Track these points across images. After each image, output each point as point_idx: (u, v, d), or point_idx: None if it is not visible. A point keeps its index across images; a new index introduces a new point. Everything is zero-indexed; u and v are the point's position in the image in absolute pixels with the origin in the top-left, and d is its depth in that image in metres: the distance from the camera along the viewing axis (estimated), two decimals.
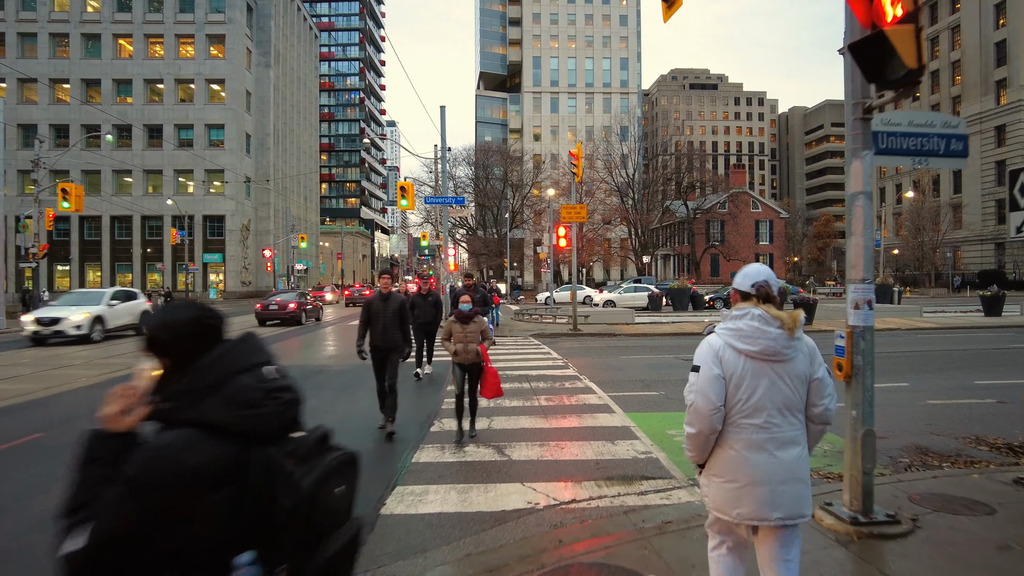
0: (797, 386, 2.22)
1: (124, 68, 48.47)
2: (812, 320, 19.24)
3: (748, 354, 2.18)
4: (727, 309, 2.33)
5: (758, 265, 2.38)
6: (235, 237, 49.44)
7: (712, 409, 2.18)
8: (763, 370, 2.18)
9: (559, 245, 18.38)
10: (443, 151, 21.16)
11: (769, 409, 2.18)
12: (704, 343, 2.30)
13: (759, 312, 2.19)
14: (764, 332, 2.16)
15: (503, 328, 19.47)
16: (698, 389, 2.22)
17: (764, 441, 2.18)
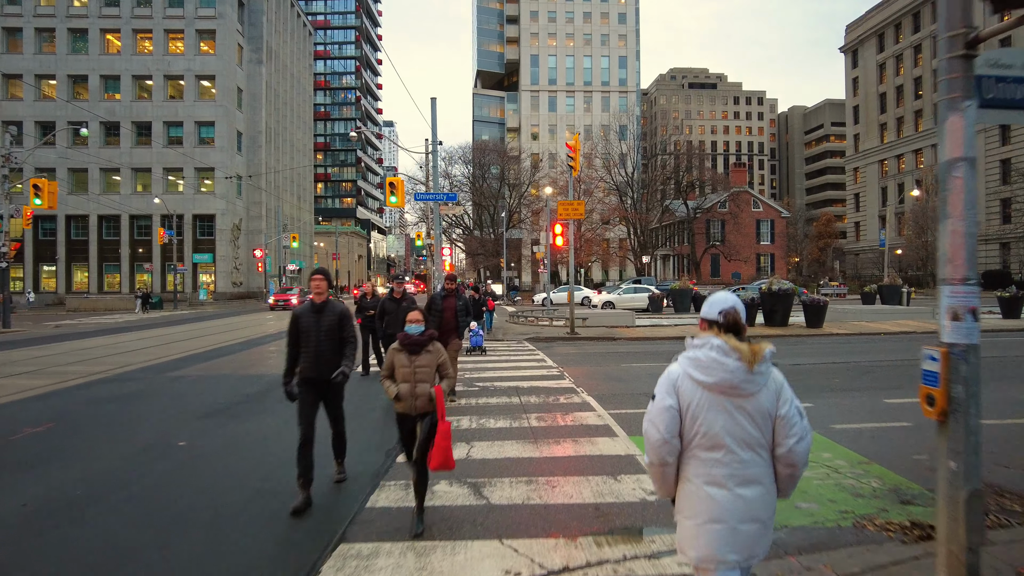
0: (760, 422, 2.09)
1: (112, 64, 47.36)
2: (822, 323, 18.25)
3: (705, 385, 2.08)
4: (689, 340, 2.19)
5: (725, 293, 2.27)
6: (225, 237, 48.34)
7: (660, 441, 2.11)
8: (721, 403, 2.07)
9: (556, 244, 17.34)
10: (434, 144, 20.11)
11: (728, 443, 2.07)
12: (665, 372, 2.21)
13: (718, 342, 2.08)
14: (721, 364, 2.04)
15: (496, 331, 18.43)
16: (649, 419, 2.15)
17: (724, 477, 2.07)
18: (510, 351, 13.61)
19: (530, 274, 67.65)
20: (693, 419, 2.10)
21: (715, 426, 2.08)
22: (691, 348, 2.16)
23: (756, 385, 2.06)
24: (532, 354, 12.97)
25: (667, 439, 2.10)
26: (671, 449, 2.12)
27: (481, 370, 10.47)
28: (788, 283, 18.27)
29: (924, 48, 62.35)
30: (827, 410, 7.07)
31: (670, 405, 2.12)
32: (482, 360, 11.77)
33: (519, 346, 14.83)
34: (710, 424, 2.08)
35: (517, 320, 22.27)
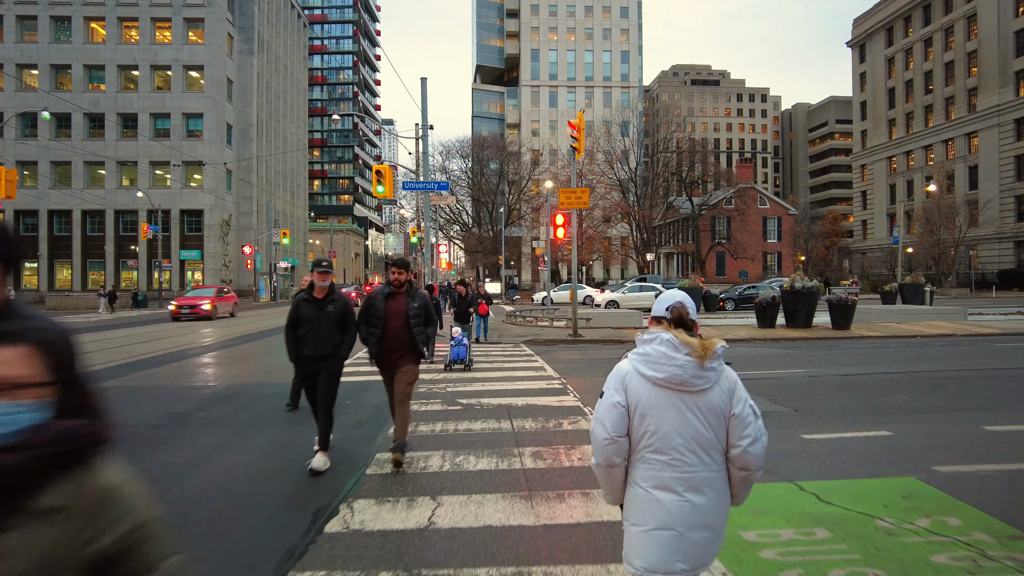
0: (712, 422, 1.99)
1: (96, 53, 45.65)
2: (850, 324, 16.57)
3: (655, 382, 1.98)
4: (639, 335, 2.10)
5: (675, 291, 2.20)
6: (214, 233, 46.65)
7: (606, 439, 2.00)
8: (671, 401, 1.98)
9: (557, 236, 15.66)
10: (424, 128, 18.44)
11: (678, 444, 1.97)
12: (615, 368, 2.11)
13: (668, 336, 2.00)
14: (671, 358, 1.96)
15: (492, 332, 16.74)
16: (596, 416, 2.06)
17: (672, 481, 1.98)
18: (504, 357, 11.92)
19: (530, 273, 66.14)
20: (642, 417, 1.99)
21: (664, 425, 1.97)
22: (641, 344, 2.06)
23: (707, 381, 1.97)
24: (529, 360, 11.29)
25: (614, 438, 1.99)
26: (618, 449, 2.01)
27: (467, 381, 8.80)
28: (813, 281, 16.57)
29: (935, 41, 60.67)
30: (914, 440, 5.39)
31: (618, 402, 2.01)
32: (473, 368, 10.06)
33: (515, 350, 13.15)
34: (659, 423, 1.98)
35: (515, 320, 20.59)
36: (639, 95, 76.72)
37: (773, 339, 15.07)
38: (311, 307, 4.87)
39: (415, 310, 4.91)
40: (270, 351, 13.44)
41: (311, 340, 4.81)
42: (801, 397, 7.43)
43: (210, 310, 24.42)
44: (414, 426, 6.10)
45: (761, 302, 16.85)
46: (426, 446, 5.36)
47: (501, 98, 78.68)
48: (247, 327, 20.77)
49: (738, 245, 51.12)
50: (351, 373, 8.22)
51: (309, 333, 4.83)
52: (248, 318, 26.31)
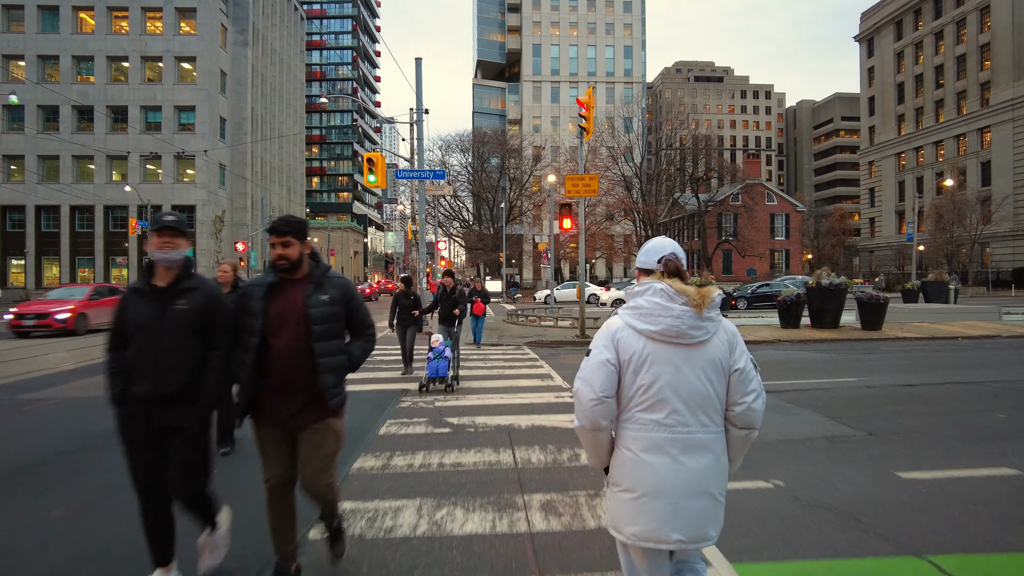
0: (711, 377, 1.83)
1: (85, 44, 44.29)
2: (882, 324, 15.19)
3: (649, 335, 1.83)
4: (630, 287, 1.99)
5: (662, 239, 2.02)
6: (207, 229, 45.32)
7: (593, 399, 1.83)
8: (667, 355, 1.82)
9: (563, 227, 14.27)
10: (419, 111, 17.07)
11: (673, 403, 1.81)
12: (603, 325, 1.96)
13: (661, 286, 1.85)
14: (666, 309, 1.81)
15: (492, 332, 15.38)
16: (582, 376, 1.89)
17: (666, 442, 1.81)
18: (505, 361, 10.55)
19: (531, 271, 64.84)
20: (634, 374, 1.83)
21: (659, 381, 1.81)
22: (631, 296, 1.91)
23: (706, 332, 1.81)
24: (534, 366, 9.92)
25: (601, 398, 1.82)
26: (606, 410, 1.84)
27: (461, 393, 7.42)
28: (841, 278, 15.20)
29: (946, 34, 59.22)
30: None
31: (607, 359, 1.84)
32: (465, 376, 8.69)
33: (517, 353, 11.79)
34: (653, 379, 1.81)
35: (516, 319, 19.22)
36: (642, 91, 75.41)
37: (801, 340, 13.70)
38: (146, 305, 2.64)
39: (321, 311, 2.63)
40: None
41: (146, 368, 2.57)
42: (869, 416, 6.06)
43: (69, 322, 15.85)
44: (386, 458, 4.73)
45: (785, 300, 15.48)
46: (399, 491, 3.98)
47: (502, 94, 77.43)
48: None
49: (746, 242, 49.72)
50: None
51: (143, 353, 2.58)
52: None
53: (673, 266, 1.91)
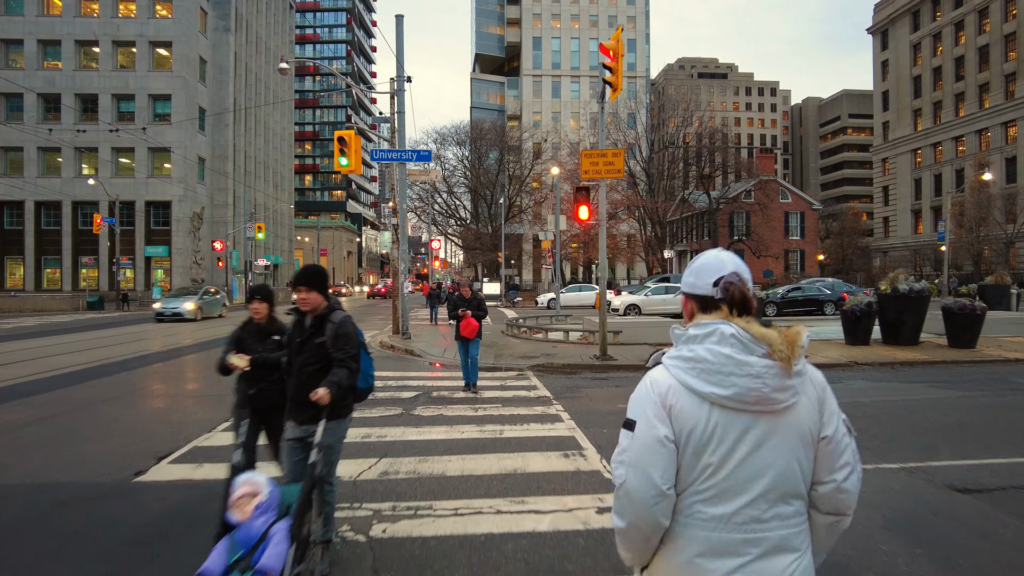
0: (799, 454, 1.34)
1: (51, 27, 41.08)
2: (976, 341, 12.15)
3: (716, 401, 1.32)
4: (677, 328, 1.43)
5: (718, 253, 1.47)
6: (184, 227, 42.13)
7: (654, 495, 1.32)
8: (741, 427, 1.32)
9: (578, 217, 11.21)
10: (400, 80, 14.01)
11: (748, 493, 1.32)
12: (644, 382, 1.41)
13: (732, 330, 1.33)
14: (741, 364, 1.31)
15: (488, 349, 12.31)
16: (630, 459, 1.36)
17: (735, 545, 1.31)
18: (504, 404, 7.39)
19: (531, 272, 61.91)
20: (695, 455, 1.33)
21: (730, 463, 1.31)
22: (684, 343, 1.38)
23: (794, 393, 1.32)
24: (546, 415, 6.75)
25: (665, 492, 1.32)
26: (669, 506, 1.34)
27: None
28: (920, 281, 12.16)
29: (967, 24, 56.33)
30: None
31: (665, 436, 1.33)
32: (438, 443, 5.59)
33: (520, 385, 8.71)
34: (722, 460, 1.31)
35: (518, 331, 16.11)
36: (646, 86, 72.78)
37: (884, 363, 10.64)
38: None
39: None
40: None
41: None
42: None
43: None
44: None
45: (853, 310, 12.41)
46: None
47: (501, 88, 74.87)
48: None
49: (760, 242, 46.69)
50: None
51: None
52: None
53: (738, 293, 1.36)
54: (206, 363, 11.29)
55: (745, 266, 1.45)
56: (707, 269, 1.42)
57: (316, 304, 2.99)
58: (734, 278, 1.38)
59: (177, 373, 10.32)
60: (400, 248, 14.29)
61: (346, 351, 2.93)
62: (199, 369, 10.74)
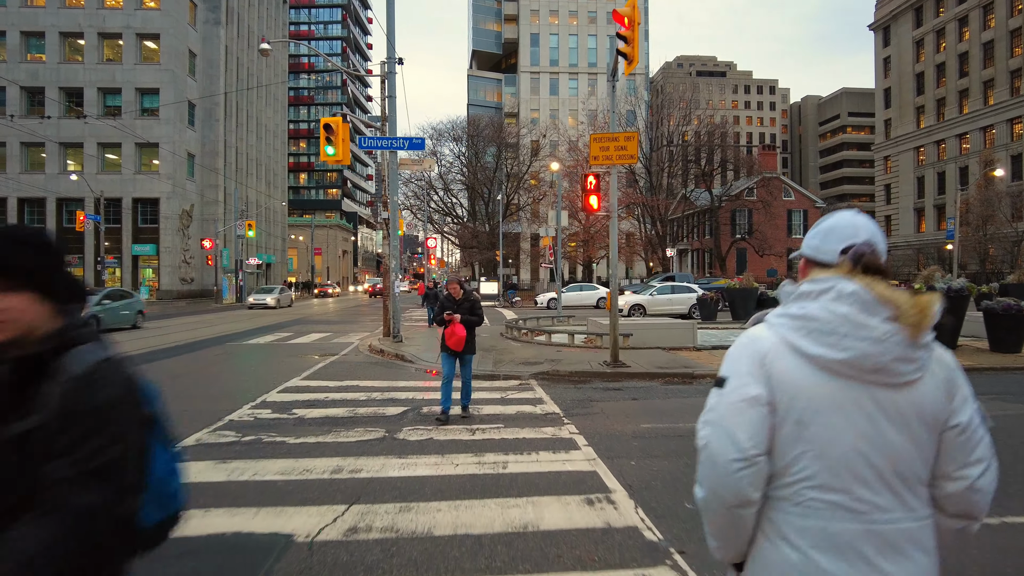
0: (920, 436, 1.16)
1: (35, 18, 39.84)
2: (1021, 345, 11.12)
3: (827, 366, 1.15)
4: (788, 285, 1.27)
5: (851, 215, 1.26)
6: (172, 225, 40.93)
7: (737, 458, 1.15)
8: (854, 399, 1.15)
9: (589, 206, 10.13)
10: (390, 60, 12.90)
11: (864, 474, 1.14)
12: (741, 338, 1.27)
13: (853, 287, 1.16)
14: (860, 326, 1.14)
15: (486, 354, 11.21)
16: (716, 419, 1.20)
17: (855, 537, 1.13)
18: (506, 426, 6.26)
19: (528, 271, 60.86)
20: (799, 425, 1.15)
21: (841, 441, 1.14)
22: (795, 299, 1.23)
23: (919, 367, 1.14)
24: (557, 438, 5.66)
25: (752, 457, 1.15)
26: (757, 476, 1.16)
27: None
28: (962, 280, 11.15)
29: (971, 20, 55.47)
30: None
31: (757, 396, 1.17)
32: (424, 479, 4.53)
33: (523, 398, 7.62)
34: (831, 437, 1.14)
35: (518, 333, 15.02)
36: (645, 83, 71.83)
37: None
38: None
39: None
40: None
41: None
42: None
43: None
44: None
45: None
46: None
47: (498, 85, 73.84)
48: None
49: (763, 240, 45.74)
50: None
51: None
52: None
53: (873, 264, 1.18)
54: None
55: (882, 234, 1.23)
56: (836, 232, 1.24)
57: (19, 326, 1.13)
58: (866, 248, 1.19)
59: None
60: (391, 244, 13.19)
61: (85, 462, 1.07)
62: None
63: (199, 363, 11.31)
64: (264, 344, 14.72)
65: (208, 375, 9.80)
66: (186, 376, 9.72)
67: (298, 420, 6.38)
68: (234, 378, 9.52)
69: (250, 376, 9.76)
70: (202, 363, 11.31)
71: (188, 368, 10.60)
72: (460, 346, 6.34)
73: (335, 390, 8.24)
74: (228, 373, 10.06)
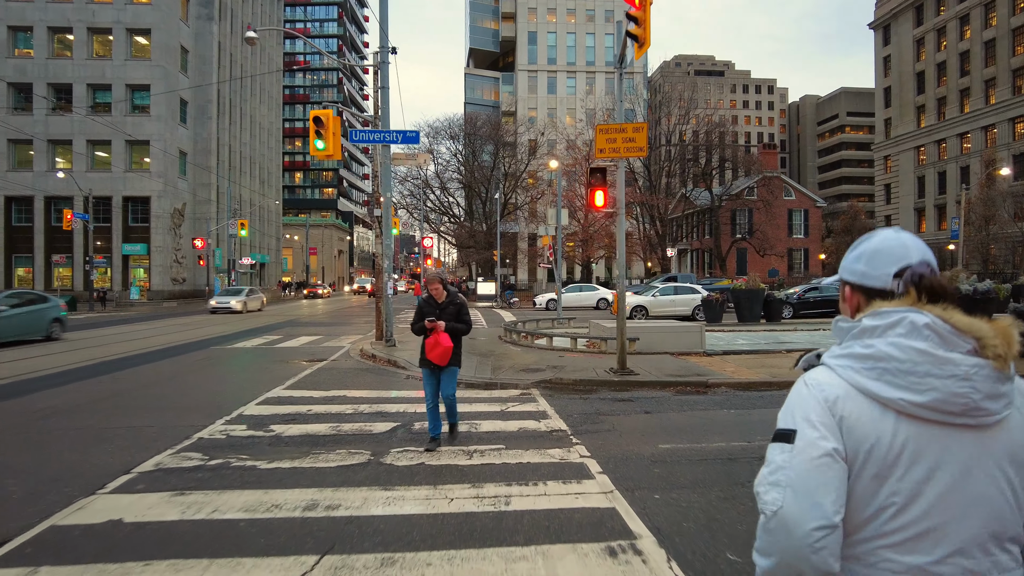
0: (1013, 483, 1.03)
1: (22, 13, 38.97)
2: None
3: (906, 410, 1.02)
4: (843, 320, 1.13)
5: (895, 233, 1.14)
6: (163, 224, 40.12)
7: (822, 525, 0.98)
8: (940, 445, 1.02)
9: (594, 204, 9.48)
10: (383, 49, 12.22)
11: (960, 534, 1.00)
12: (801, 384, 1.11)
13: (926, 319, 1.02)
14: (942, 363, 1.00)
15: (484, 360, 10.54)
16: (791, 480, 1.02)
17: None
18: (508, 448, 5.60)
19: (526, 271, 60.20)
20: (876, 482, 1.02)
21: (926, 496, 1.00)
22: (856, 337, 1.08)
23: (1007, 402, 1.02)
24: (560, 455, 5.05)
25: (835, 521, 0.99)
26: (837, 542, 1.00)
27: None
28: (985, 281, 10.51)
29: (972, 18, 55.02)
30: None
31: (833, 450, 1.02)
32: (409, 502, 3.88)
33: (524, 410, 6.96)
34: (916, 490, 1.01)
35: (517, 336, 14.34)
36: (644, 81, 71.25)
37: None
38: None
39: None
40: None
41: None
42: None
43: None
44: None
45: None
46: None
47: (496, 84, 73.19)
48: None
49: (764, 240, 45.17)
50: None
51: None
52: None
53: (937, 286, 1.06)
54: None
55: (931, 254, 1.11)
56: (884, 254, 1.10)
57: None
58: (924, 269, 1.07)
59: None
60: (383, 243, 12.50)
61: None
62: None
63: (179, 369, 10.61)
64: (251, 348, 14.03)
65: (185, 384, 9.11)
66: (160, 384, 9.02)
67: (275, 439, 5.70)
68: (212, 387, 8.83)
69: (230, 385, 9.08)
70: (182, 369, 10.61)
71: (166, 375, 9.90)
72: (444, 359, 5.28)
73: (320, 401, 7.56)
74: (207, 381, 9.37)
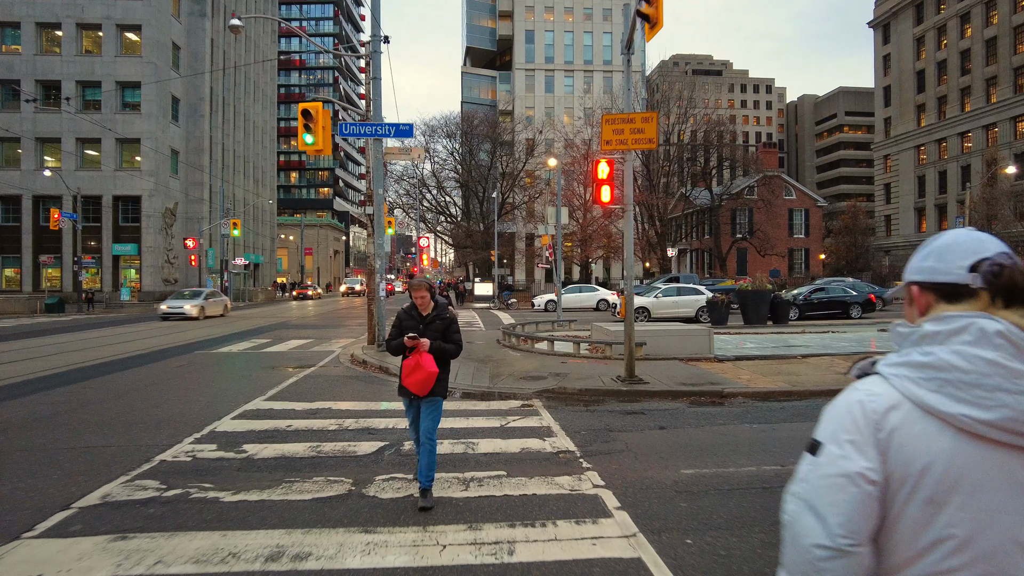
0: None
1: (10, 8, 38.15)
2: None
3: (968, 427, 0.91)
4: (903, 324, 1.04)
5: (968, 232, 1.03)
6: (155, 223, 39.34)
7: (823, 544, 0.92)
8: (1009, 469, 0.91)
9: (599, 199, 8.83)
10: (375, 40, 11.56)
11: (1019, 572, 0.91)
12: (849, 394, 1.01)
13: (997, 326, 0.92)
14: (1015, 376, 0.90)
15: (482, 366, 9.87)
16: (804, 493, 0.97)
17: None
18: (507, 461, 4.97)
19: (524, 272, 59.56)
20: (932, 507, 0.91)
21: (994, 528, 0.89)
22: (915, 343, 0.98)
23: None
24: (569, 485, 4.39)
25: (841, 544, 0.91)
26: (849, 570, 0.91)
27: None
28: None
29: (973, 16, 54.61)
30: None
31: (860, 472, 0.93)
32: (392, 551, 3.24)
33: (525, 425, 6.32)
34: (980, 522, 0.89)
35: (517, 340, 13.70)
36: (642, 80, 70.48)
37: None
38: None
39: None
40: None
41: None
42: None
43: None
44: None
45: None
46: None
47: (493, 83, 72.57)
48: None
49: (765, 240, 44.63)
50: None
51: None
52: None
53: (1012, 279, 0.94)
54: None
55: (1006, 247, 1.01)
56: (957, 248, 0.99)
57: None
58: (1005, 259, 0.96)
59: None
60: (376, 242, 11.85)
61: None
62: None
63: (156, 376, 9.92)
64: (237, 353, 13.34)
65: (159, 393, 8.44)
66: (132, 394, 8.34)
67: (246, 461, 5.04)
68: (188, 397, 8.16)
69: (207, 395, 8.40)
70: (159, 376, 9.92)
71: (141, 383, 9.22)
72: (425, 388, 4.04)
73: (302, 415, 6.89)
74: (183, 391, 8.70)
